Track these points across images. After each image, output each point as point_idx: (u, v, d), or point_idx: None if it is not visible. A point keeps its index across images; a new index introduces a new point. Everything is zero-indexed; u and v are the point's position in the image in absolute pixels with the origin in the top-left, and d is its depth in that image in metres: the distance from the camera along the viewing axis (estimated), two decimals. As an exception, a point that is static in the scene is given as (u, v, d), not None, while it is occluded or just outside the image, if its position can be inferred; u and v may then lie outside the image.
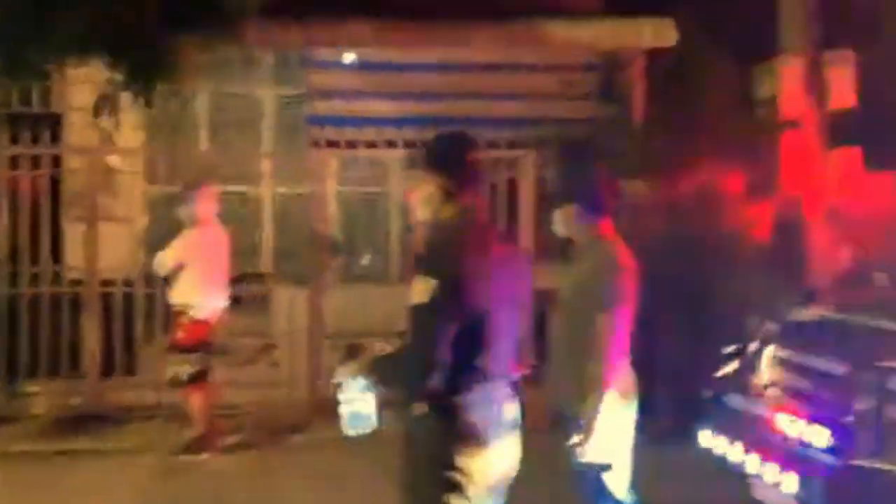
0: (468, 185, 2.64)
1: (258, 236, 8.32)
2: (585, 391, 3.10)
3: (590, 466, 3.12)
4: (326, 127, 6.99)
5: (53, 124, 7.37)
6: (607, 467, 3.16)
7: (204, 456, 5.93)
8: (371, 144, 7.01)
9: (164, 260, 5.91)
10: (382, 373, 2.56)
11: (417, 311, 2.40)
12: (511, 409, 2.64)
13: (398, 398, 2.55)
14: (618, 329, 3.13)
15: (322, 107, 6.98)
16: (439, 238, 2.62)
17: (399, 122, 6.97)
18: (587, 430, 3.07)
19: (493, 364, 2.54)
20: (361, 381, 2.58)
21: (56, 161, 7.33)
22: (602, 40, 6.86)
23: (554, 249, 4.15)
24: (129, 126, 7.59)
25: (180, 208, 5.98)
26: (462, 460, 2.47)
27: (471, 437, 2.48)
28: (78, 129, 7.55)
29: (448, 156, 2.69)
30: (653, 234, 6.42)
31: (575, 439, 3.09)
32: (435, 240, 2.63)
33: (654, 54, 7.00)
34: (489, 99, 7.02)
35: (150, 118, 7.68)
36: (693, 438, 3.85)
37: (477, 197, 2.72)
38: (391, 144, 6.99)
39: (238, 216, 7.65)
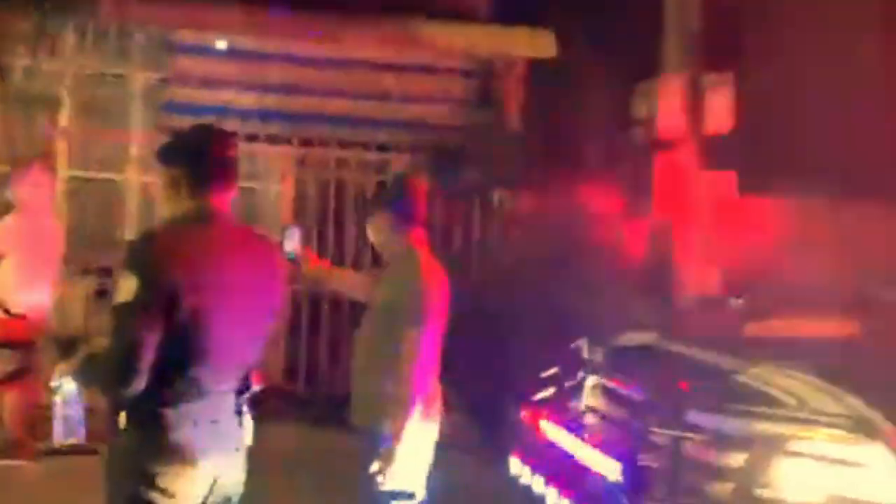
0: (210, 181, 2.37)
1: (121, 227, 7.81)
2: (386, 412, 2.91)
3: (392, 496, 2.91)
4: (183, 115, 6.57)
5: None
6: (410, 496, 2.96)
7: (17, 462, 5.45)
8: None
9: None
10: (85, 375, 2.33)
11: (117, 312, 2.17)
12: (233, 428, 2.39)
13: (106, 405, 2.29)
14: (424, 348, 2.94)
15: (181, 93, 6.57)
16: (156, 234, 2.40)
17: (264, 115, 6.63)
18: (388, 457, 2.87)
19: (210, 377, 2.29)
20: (73, 384, 2.30)
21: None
22: (478, 46, 6.69)
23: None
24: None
25: (6, 191, 5.48)
26: (163, 479, 2.22)
27: (175, 456, 2.23)
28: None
29: (189, 148, 2.45)
30: (517, 246, 6.26)
31: (375, 466, 2.88)
32: (150, 235, 2.42)
33: (535, 64, 6.85)
34: (362, 99, 6.77)
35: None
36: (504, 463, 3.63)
37: (223, 195, 2.41)
38: (252, 138, 6.61)
39: (99, 204, 7.17)
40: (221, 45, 6.74)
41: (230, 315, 2.29)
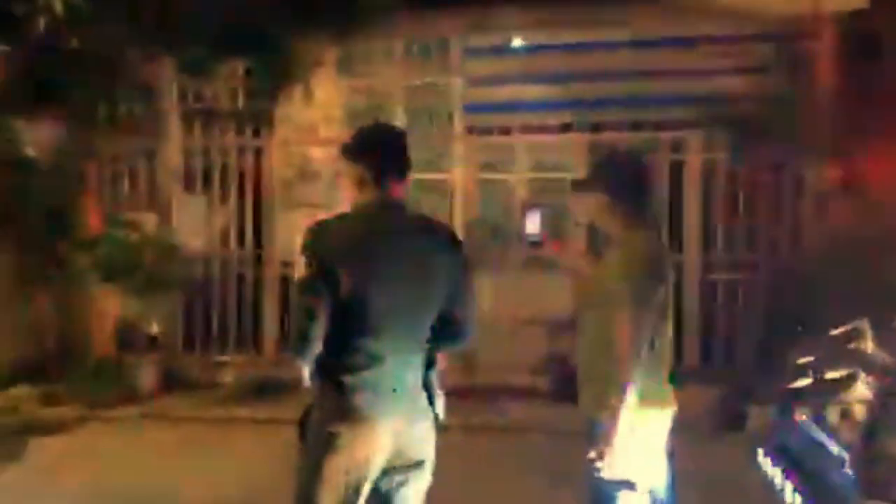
0: (385, 174, 2.68)
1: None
2: (603, 399, 2.86)
3: (610, 485, 2.86)
4: (480, 114, 6.98)
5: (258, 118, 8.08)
6: (629, 486, 2.88)
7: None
8: (525, 129, 6.88)
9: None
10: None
11: (295, 289, 2.58)
12: (416, 397, 2.65)
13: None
14: (639, 331, 2.83)
15: (475, 94, 6.98)
16: (327, 222, 2.70)
17: (554, 105, 6.79)
18: (605, 443, 2.83)
19: (381, 348, 2.56)
20: None
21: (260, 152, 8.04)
22: (776, 6, 6.15)
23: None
24: (328, 117, 8.12)
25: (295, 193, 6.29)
26: (343, 439, 2.55)
27: (353, 418, 2.55)
28: (281, 122, 8.20)
29: (366, 145, 2.76)
30: (835, 225, 5.71)
31: (592, 453, 2.86)
32: (322, 224, 2.70)
33: (843, 21, 6.15)
34: (652, 77, 6.63)
35: (347, 109, 8.12)
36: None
37: (397, 185, 2.71)
38: (544, 130, 6.82)
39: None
40: (516, 42, 7.03)
41: (396, 293, 2.56)
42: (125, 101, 6.11)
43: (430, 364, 2.73)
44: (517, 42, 7.05)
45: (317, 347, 2.53)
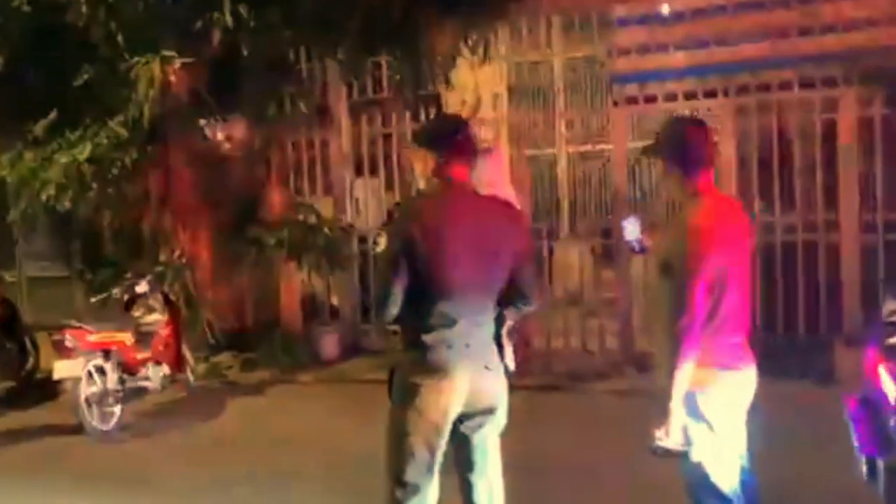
0: (450, 158, 3.03)
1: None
2: (663, 369, 2.92)
3: (665, 453, 2.90)
4: (628, 84, 7.06)
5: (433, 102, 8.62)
6: (683, 455, 2.91)
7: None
8: (671, 97, 6.88)
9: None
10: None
11: (376, 261, 2.91)
12: (487, 351, 2.99)
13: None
14: (694, 299, 2.83)
15: (622, 64, 7.06)
16: (407, 202, 3.10)
17: (700, 70, 6.76)
18: (665, 412, 2.88)
19: (455, 309, 2.91)
20: None
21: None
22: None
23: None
24: (491, 96, 8.53)
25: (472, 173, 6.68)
26: (425, 389, 2.91)
27: (433, 371, 2.91)
28: (451, 105, 8.65)
29: (432, 133, 3.19)
30: None
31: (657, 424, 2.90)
32: (403, 203, 3.12)
33: None
34: (800, 34, 6.40)
35: (512, 90, 8.50)
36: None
37: (462, 168, 3.05)
38: (690, 96, 6.80)
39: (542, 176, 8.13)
40: (671, 8, 7.03)
41: (465, 262, 2.91)
42: (294, 98, 6.80)
43: (500, 323, 3.06)
44: (670, 8, 7.04)
45: (396, 311, 2.93)
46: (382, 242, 3.00)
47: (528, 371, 6.97)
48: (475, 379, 2.96)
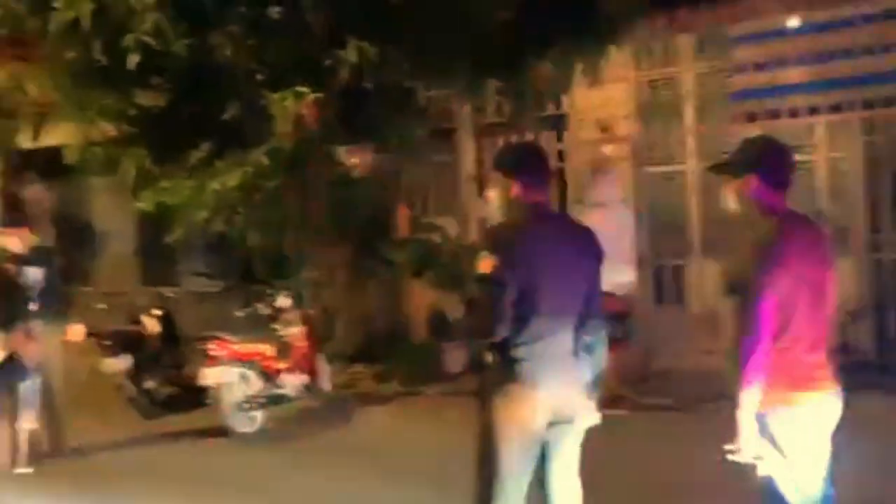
0: (534, 186, 3.28)
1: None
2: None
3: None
4: (748, 100, 7.00)
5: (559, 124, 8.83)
6: (760, 468, 2.95)
7: (621, 412, 6.69)
8: (793, 113, 6.77)
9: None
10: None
11: (484, 281, 3.13)
12: (570, 363, 3.17)
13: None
14: (762, 316, 2.85)
15: (742, 80, 7.01)
16: (503, 226, 3.32)
17: (822, 85, 6.61)
18: (735, 429, 2.92)
19: (545, 325, 3.11)
20: None
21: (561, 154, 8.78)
22: None
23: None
24: (622, 116, 8.63)
25: (587, 192, 6.85)
26: (517, 398, 3.12)
27: (525, 382, 3.11)
28: (579, 125, 8.82)
29: (517, 163, 3.37)
30: None
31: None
32: (500, 228, 3.33)
33: None
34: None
35: (638, 108, 8.57)
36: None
37: (540, 192, 3.28)
38: (813, 111, 6.66)
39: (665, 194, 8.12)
40: (792, 23, 6.94)
41: (553, 282, 3.10)
42: (416, 124, 7.21)
43: (577, 339, 3.23)
44: (791, 23, 6.95)
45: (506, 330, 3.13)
46: (485, 264, 3.14)
47: (650, 391, 7.04)
48: (560, 390, 3.16)
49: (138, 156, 7.23)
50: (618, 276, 6.67)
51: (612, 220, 6.68)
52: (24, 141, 9.59)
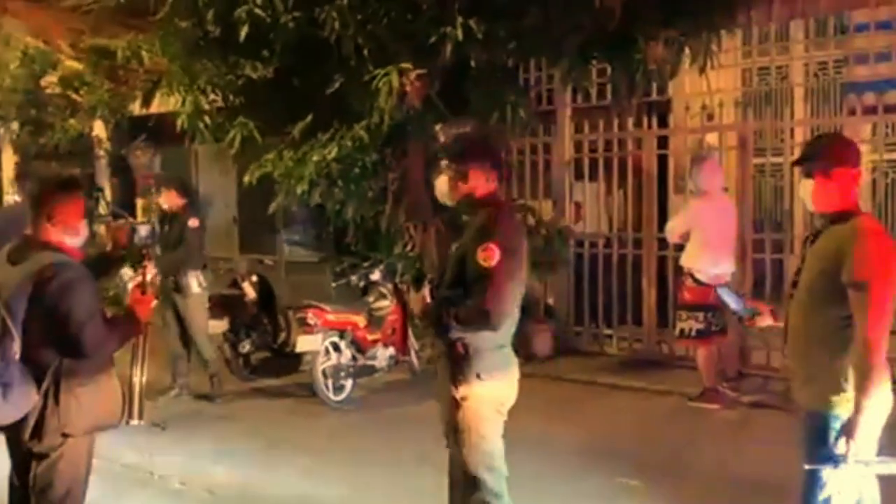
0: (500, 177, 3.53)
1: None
2: (833, 390, 2.97)
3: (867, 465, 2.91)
4: (865, 93, 6.70)
5: (661, 109, 8.65)
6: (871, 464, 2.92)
7: (713, 406, 6.58)
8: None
9: (674, 227, 6.72)
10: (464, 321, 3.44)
11: (489, 272, 3.26)
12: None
13: None
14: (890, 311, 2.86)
15: (861, 71, 6.71)
16: (505, 215, 3.55)
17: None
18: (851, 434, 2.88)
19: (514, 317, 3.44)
20: None
21: (663, 141, 8.60)
22: None
23: None
24: (725, 102, 8.39)
25: (689, 180, 6.68)
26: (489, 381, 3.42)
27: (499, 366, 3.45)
28: (684, 111, 8.58)
29: (490, 151, 3.64)
30: None
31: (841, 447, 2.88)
32: (499, 218, 3.44)
33: None
34: None
35: (747, 96, 8.31)
36: None
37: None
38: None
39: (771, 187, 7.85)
40: None
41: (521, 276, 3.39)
42: (517, 104, 7.17)
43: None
44: None
45: None
46: (493, 258, 3.21)
47: (745, 387, 6.87)
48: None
49: (244, 126, 7.42)
50: (718, 267, 6.48)
51: (713, 210, 6.48)
52: (135, 108, 9.96)
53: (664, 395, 7.03)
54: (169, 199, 7.11)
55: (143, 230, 5.77)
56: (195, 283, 6.95)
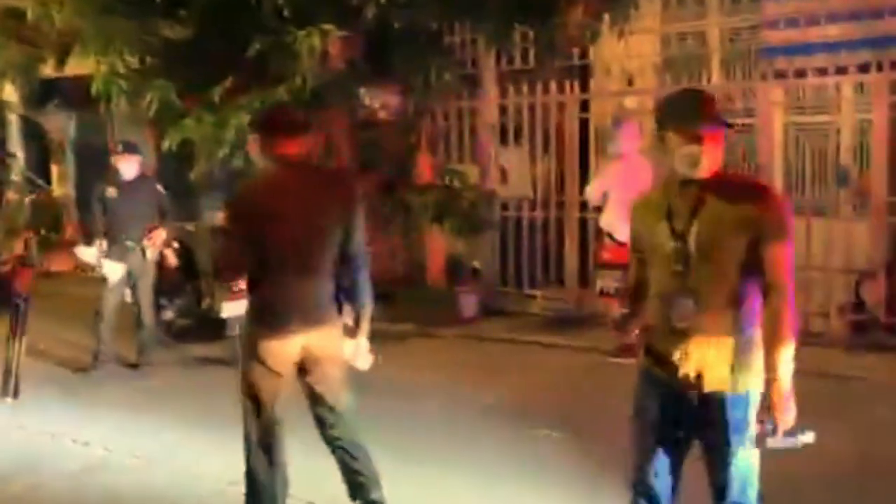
0: (275, 140, 3.48)
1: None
2: None
3: None
4: (777, 57, 6.94)
5: (582, 73, 8.76)
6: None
7: (630, 360, 6.78)
8: (821, 71, 6.70)
9: (593, 189, 6.89)
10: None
11: (215, 233, 3.54)
12: (323, 309, 3.53)
13: None
14: None
15: (774, 37, 6.94)
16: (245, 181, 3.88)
17: (851, 45, 6.53)
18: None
19: (288, 273, 3.42)
20: None
21: (584, 105, 8.72)
22: None
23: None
24: (644, 67, 8.57)
25: (608, 143, 6.85)
26: (265, 343, 3.48)
27: (272, 326, 3.48)
28: (604, 76, 8.74)
29: (266, 121, 3.68)
30: None
31: None
32: (242, 183, 3.94)
33: None
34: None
35: (664, 61, 8.50)
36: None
37: (288, 148, 3.46)
38: (841, 70, 6.59)
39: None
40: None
41: (293, 230, 3.37)
42: (442, 68, 7.18)
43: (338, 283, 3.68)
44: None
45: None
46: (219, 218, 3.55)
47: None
48: (311, 335, 3.52)
49: (162, 88, 7.24)
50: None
51: (630, 171, 6.65)
52: (48, 70, 9.60)
53: (586, 351, 7.23)
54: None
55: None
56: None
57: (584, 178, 8.18)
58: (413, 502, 4.23)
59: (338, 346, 3.60)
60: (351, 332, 3.67)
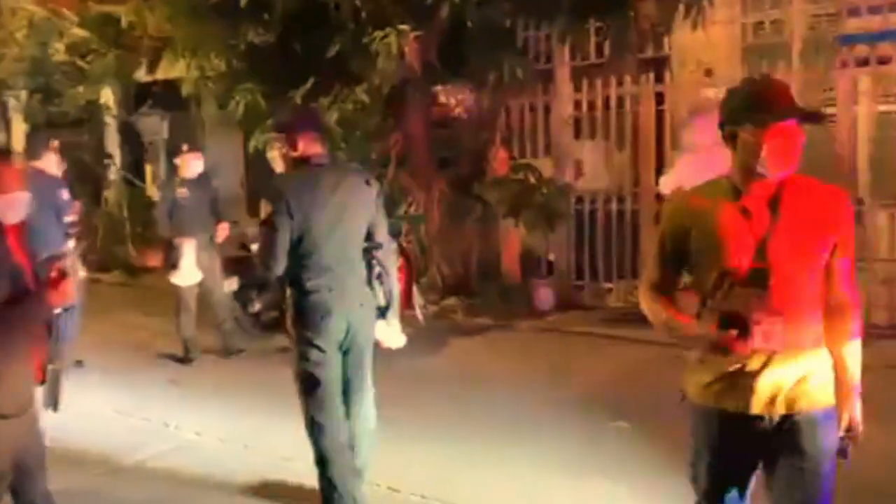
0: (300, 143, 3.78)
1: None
2: None
3: None
4: (859, 45, 6.78)
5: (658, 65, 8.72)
6: None
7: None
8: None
9: (666, 182, 6.87)
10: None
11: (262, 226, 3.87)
12: (360, 293, 3.84)
13: None
14: None
15: (854, 24, 6.78)
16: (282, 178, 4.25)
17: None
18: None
19: (326, 260, 3.74)
20: None
21: (660, 98, 8.70)
22: None
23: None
24: (724, 58, 8.44)
25: (683, 134, 6.80)
26: (312, 326, 3.77)
27: (316, 311, 3.73)
28: (681, 67, 8.64)
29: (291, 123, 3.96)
30: None
31: None
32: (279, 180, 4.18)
33: None
34: None
35: (743, 51, 8.35)
36: None
37: (311, 147, 3.77)
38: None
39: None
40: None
41: (329, 223, 3.69)
42: (516, 65, 7.28)
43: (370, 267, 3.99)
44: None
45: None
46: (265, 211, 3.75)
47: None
48: (351, 317, 3.83)
49: (248, 90, 7.57)
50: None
51: (706, 164, 6.58)
52: (142, 74, 10.12)
53: (662, 345, 7.19)
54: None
55: None
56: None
57: (659, 171, 8.15)
58: (506, 492, 4.38)
59: (372, 326, 3.94)
60: (382, 313, 3.98)
